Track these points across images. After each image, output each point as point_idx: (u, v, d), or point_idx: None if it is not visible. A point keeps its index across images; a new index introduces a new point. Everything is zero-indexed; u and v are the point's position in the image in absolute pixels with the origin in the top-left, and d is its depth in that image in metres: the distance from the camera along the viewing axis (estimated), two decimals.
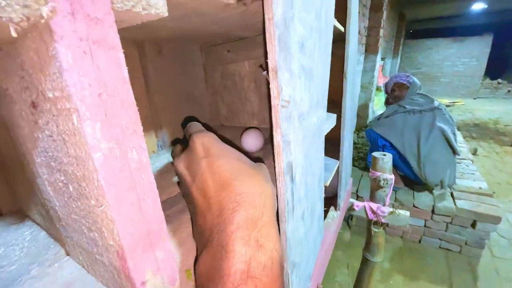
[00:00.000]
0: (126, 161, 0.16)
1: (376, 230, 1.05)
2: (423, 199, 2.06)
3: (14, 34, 0.11)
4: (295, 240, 0.41)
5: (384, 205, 1.03)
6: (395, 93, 2.34)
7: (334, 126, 0.78)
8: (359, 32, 3.01)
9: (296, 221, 0.41)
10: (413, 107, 2.08)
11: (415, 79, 2.24)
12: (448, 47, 7.39)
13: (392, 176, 1.00)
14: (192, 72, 0.64)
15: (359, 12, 2.84)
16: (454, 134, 1.96)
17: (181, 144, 0.34)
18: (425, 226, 2.07)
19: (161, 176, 0.42)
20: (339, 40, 0.77)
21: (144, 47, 0.50)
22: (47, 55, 0.12)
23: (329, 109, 0.75)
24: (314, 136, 0.49)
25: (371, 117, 4.17)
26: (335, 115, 0.78)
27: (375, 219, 1.04)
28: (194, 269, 0.22)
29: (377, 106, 5.13)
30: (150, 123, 0.55)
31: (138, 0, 0.15)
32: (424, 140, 1.93)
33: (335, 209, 0.86)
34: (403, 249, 2.11)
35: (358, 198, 2.55)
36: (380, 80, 4.97)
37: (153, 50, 0.52)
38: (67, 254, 0.26)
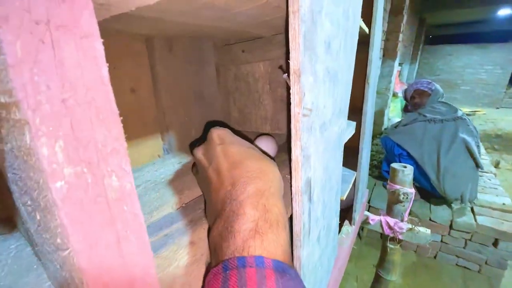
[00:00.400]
0: (102, 189, 0.12)
1: (392, 246, 0.98)
2: (441, 213, 1.95)
3: None
4: (309, 266, 0.36)
5: (402, 220, 0.96)
6: (415, 100, 2.24)
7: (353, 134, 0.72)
8: None
9: (312, 245, 0.36)
10: (434, 116, 1.98)
11: (437, 86, 2.14)
12: (470, 54, 7.10)
13: (413, 191, 0.93)
14: (204, 72, 0.60)
15: None
16: (478, 146, 1.85)
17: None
18: (441, 241, 1.96)
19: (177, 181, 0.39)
20: (361, 42, 0.71)
21: (153, 43, 0.47)
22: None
23: (348, 116, 0.70)
24: (335, 147, 0.44)
25: (386, 124, 4.04)
26: (354, 123, 0.73)
27: (391, 235, 0.97)
28: (208, 238, 0.24)
29: (393, 113, 4.97)
30: (156, 125, 0.52)
31: None
32: (444, 151, 1.83)
33: (350, 223, 0.80)
34: (417, 264, 2.01)
35: (370, 208, 2.46)
36: (396, 86, 4.81)
37: (163, 47, 0.49)
38: (49, 279, 0.22)
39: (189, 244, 0.26)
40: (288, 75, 0.25)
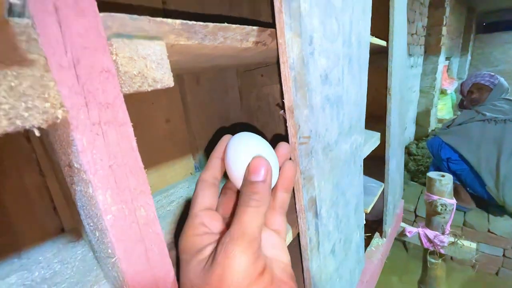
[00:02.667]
0: (135, 218, 0.18)
1: (432, 261, 0.91)
2: (502, 224, 1.73)
3: (38, 134, 0.14)
4: (322, 277, 0.39)
5: (443, 233, 0.89)
6: (473, 95, 2.01)
7: (380, 143, 0.72)
8: (415, 33, 2.75)
9: (324, 258, 0.39)
10: (495, 115, 1.74)
11: (502, 80, 1.87)
12: None
13: (453, 201, 0.86)
14: (228, 96, 0.67)
15: (415, 12, 2.59)
16: None
17: None
18: (504, 256, 1.73)
19: None
20: (383, 51, 0.71)
21: (183, 79, 0.55)
22: (68, 139, 0.15)
23: (372, 126, 0.70)
24: (347, 163, 0.46)
25: (433, 125, 3.71)
26: (378, 134, 0.73)
27: (431, 248, 0.91)
28: None
29: (442, 112, 4.53)
30: (188, 147, 0.60)
31: (144, 80, 0.17)
32: (506, 156, 1.59)
33: (381, 236, 0.78)
34: (476, 281, 1.80)
35: (417, 217, 2.28)
36: (445, 82, 4.40)
37: (191, 81, 0.57)
38: (105, 277, 0.30)
39: None
40: (284, 111, 0.29)
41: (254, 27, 0.28)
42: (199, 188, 0.26)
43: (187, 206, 0.44)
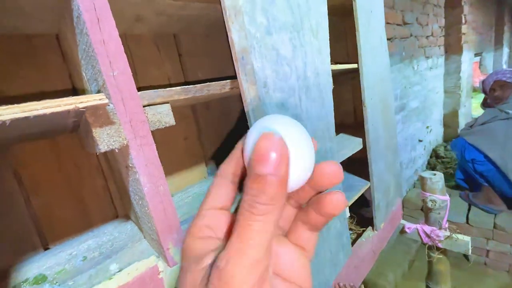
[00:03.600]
0: (158, 190, 0.36)
1: (432, 255, 0.97)
2: None
3: (117, 151, 0.33)
4: None
5: (440, 228, 0.95)
6: (496, 93, 1.96)
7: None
8: (431, 34, 2.74)
9: None
10: None
11: None
12: None
13: (445, 197, 0.93)
14: (233, 116, 0.85)
15: (427, 15, 2.61)
16: None
17: None
18: None
19: None
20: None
21: (196, 107, 0.75)
22: (127, 153, 0.34)
23: (362, 132, 0.82)
24: None
25: (463, 126, 3.53)
26: (360, 139, 0.85)
27: (430, 243, 0.97)
28: None
29: (477, 110, 4.27)
30: (201, 157, 0.79)
31: (160, 123, 0.35)
32: None
33: (372, 229, 0.89)
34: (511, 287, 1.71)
35: (449, 223, 2.22)
36: (476, 79, 4.17)
37: (202, 108, 0.77)
38: (144, 237, 0.49)
39: None
40: None
41: (228, 80, 0.46)
42: (214, 183, 0.20)
43: (199, 200, 0.61)
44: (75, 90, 0.53)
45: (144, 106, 0.34)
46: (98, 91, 0.34)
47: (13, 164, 0.48)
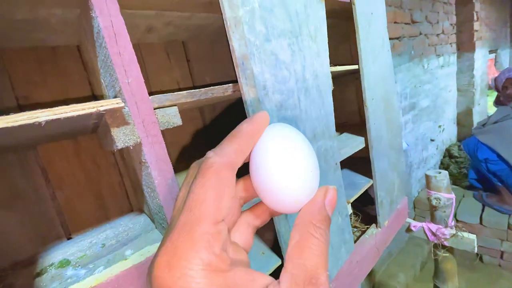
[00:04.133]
0: (167, 182, 0.40)
1: (438, 253, 0.97)
2: None
3: (132, 148, 0.37)
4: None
5: (446, 226, 0.95)
6: (508, 91, 1.94)
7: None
8: (442, 32, 2.70)
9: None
10: None
11: None
12: None
13: (450, 195, 0.93)
14: (237, 116, 0.90)
15: (437, 12, 2.57)
16: None
17: None
18: None
19: None
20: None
21: (203, 109, 0.80)
22: (140, 149, 0.39)
23: (365, 131, 0.85)
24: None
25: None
26: (362, 138, 0.87)
27: (436, 241, 0.97)
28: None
29: (493, 108, 4.14)
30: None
31: (169, 123, 0.40)
32: None
33: (376, 226, 0.91)
34: None
35: (458, 222, 2.18)
36: (491, 77, 4.05)
37: (209, 110, 0.81)
38: (156, 227, 0.53)
39: None
40: None
41: (230, 84, 0.50)
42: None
43: None
44: (95, 96, 0.59)
45: (154, 109, 0.39)
46: (115, 96, 0.39)
47: (41, 162, 0.54)
